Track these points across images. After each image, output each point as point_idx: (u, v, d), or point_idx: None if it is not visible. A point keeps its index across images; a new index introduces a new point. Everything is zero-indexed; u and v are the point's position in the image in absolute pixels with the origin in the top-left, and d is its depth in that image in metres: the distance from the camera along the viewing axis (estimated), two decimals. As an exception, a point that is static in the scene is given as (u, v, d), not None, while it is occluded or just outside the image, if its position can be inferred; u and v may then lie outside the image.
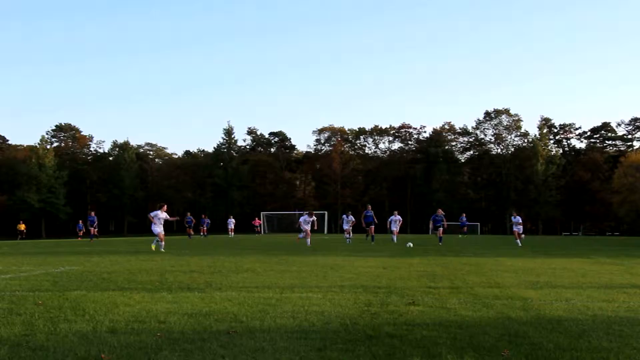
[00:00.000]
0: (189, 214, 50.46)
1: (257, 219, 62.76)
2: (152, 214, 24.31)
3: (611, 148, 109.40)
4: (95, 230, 43.55)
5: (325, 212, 65.66)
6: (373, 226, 34.33)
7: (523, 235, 31.28)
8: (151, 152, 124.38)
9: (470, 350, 5.63)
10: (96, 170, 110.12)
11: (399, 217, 35.67)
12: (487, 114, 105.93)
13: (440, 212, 32.87)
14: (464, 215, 52.74)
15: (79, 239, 52.11)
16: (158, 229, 24.00)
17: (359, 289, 10.41)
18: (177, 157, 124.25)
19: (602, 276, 13.34)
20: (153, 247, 24.23)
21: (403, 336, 6.28)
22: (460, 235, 49.17)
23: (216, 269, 14.49)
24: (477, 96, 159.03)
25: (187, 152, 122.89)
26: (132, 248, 27.41)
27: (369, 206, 35.14)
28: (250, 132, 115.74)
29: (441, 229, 31.82)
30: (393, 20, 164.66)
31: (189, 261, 17.41)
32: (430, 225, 34.61)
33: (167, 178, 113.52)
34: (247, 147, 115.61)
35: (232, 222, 54.96)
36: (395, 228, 34.84)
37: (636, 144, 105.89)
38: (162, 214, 24.25)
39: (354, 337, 6.19)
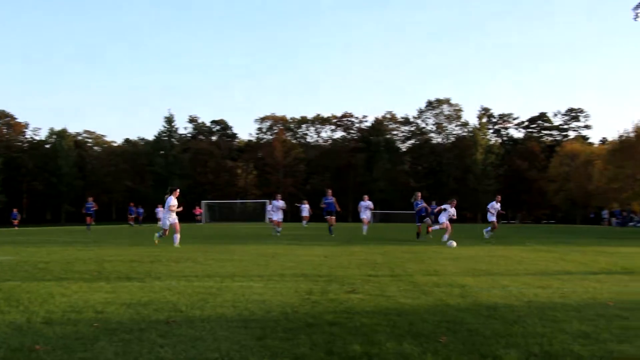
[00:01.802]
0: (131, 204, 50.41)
1: (197, 207, 62.25)
2: (171, 203, 19.79)
3: (547, 138, 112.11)
4: None
5: (267, 200, 65.45)
6: (334, 216, 29.13)
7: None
8: (90, 140, 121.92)
9: (409, 337, 5.69)
10: (32, 158, 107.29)
11: (369, 202, 30.59)
12: (428, 103, 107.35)
13: (419, 196, 26.88)
14: (434, 203, 52.62)
15: (15, 228, 51.01)
16: (174, 218, 19.92)
17: (300, 277, 10.43)
18: (116, 145, 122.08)
19: (537, 263, 13.67)
20: (177, 245, 19.49)
21: (343, 324, 6.31)
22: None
23: (156, 258, 14.33)
24: (418, 86, 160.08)
25: (127, 140, 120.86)
26: (69, 238, 26.90)
27: (329, 191, 29.52)
28: (192, 120, 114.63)
29: (430, 221, 26.31)
30: (334, 10, 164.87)
31: (128, 250, 17.18)
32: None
33: (106, 166, 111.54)
34: (189, 135, 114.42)
35: (160, 211, 54.39)
36: (366, 216, 30.54)
37: (571, 134, 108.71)
38: (174, 201, 19.96)
39: (294, 326, 6.20)
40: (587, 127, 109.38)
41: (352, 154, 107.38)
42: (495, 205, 27.58)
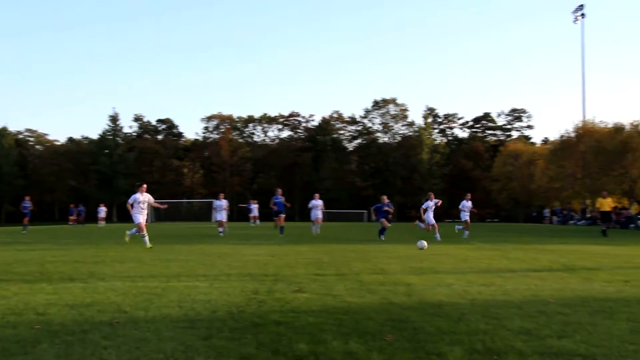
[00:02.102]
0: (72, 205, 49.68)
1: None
2: (130, 200, 19.57)
3: (491, 137, 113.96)
4: None
5: (213, 200, 65.09)
6: (284, 215, 29.09)
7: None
8: (32, 139, 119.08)
9: (355, 336, 5.72)
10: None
11: (320, 201, 30.05)
12: (375, 103, 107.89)
13: (385, 199, 26.56)
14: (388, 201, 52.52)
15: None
16: (140, 217, 19.39)
17: (246, 277, 10.39)
18: (59, 144, 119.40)
19: (481, 261, 13.89)
20: (127, 238, 20.39)
21: (289, 323, 6.31)
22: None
23: (100, 258, 14.11)
24: (365, 86, 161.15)
25: (70, 139, 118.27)
26: (9, 238, 26.28)
27: (279, 190, 29.49)
28: (137, 119, 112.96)
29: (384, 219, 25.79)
30: (279, 8, 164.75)
31: (71, 251, 16.86)
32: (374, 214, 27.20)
33: (48, 165, 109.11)
34: (134, 134, 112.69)
35: (102, 211, 53.86)
36: (318, 216, 29.76)
37: (514, 134, 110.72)
38: (143, 196, 19.49)
39: (240, 325, 6.18)
40: (529, 127, 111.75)
41: (299, 153, 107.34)
42: (466, 204, 27.95)
